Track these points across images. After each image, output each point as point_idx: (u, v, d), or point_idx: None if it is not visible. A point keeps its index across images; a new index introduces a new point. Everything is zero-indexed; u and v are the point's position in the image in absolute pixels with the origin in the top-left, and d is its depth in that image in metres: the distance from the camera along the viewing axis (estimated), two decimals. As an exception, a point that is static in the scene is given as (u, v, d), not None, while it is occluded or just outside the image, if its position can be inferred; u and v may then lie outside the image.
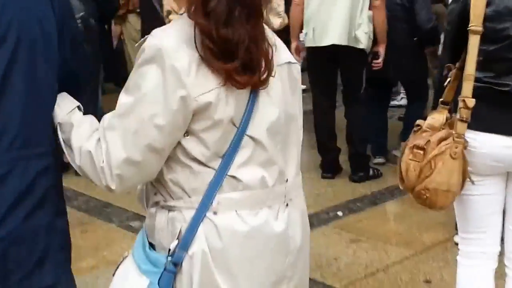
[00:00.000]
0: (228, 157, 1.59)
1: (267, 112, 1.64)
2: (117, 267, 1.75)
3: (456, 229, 3.60)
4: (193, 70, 1.52)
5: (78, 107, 1.73)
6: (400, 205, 4.56)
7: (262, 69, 1.56)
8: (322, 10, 4.74)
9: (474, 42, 2.37)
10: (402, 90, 6.70)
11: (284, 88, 1.69)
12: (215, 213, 1.60)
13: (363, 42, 4.79)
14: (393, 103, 6.40)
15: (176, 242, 1.60)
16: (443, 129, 2.42)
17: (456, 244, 3.80)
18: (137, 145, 1.55)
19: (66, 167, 2.13)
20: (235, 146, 1.59)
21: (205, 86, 1.53)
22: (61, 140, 1.66)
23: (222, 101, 1.55)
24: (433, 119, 2.47)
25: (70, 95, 1.77)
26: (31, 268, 1.64)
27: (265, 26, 1.65)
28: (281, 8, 5.38)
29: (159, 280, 1.60)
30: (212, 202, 1.60)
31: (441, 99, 2.52)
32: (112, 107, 1.62)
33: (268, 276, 1.67)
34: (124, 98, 1.57)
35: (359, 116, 5.07)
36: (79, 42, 1.91)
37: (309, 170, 5.19)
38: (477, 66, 2.38)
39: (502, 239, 2.62)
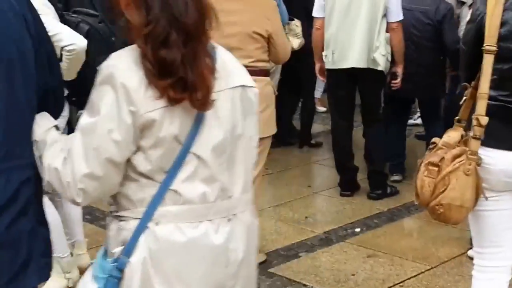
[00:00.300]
0: (171, 172, 1.69)
1: (213, 132, 1.73)
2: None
3: (470, 243, 3.60)
4: (142, 89, 1.64)
5: (56, 126, 1.83)
6: (416, 221, 4.57)
7: (199, 89, 1.65)
8: (341, 33, 4.77)
9: (488, 61, 2.39)
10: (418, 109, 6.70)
11: (234, 110, 1.78)
12: (156, 224, 1.70)
13: (381, 64, 4.80)
14: (410, 121, 6.41)
15: (120, 249, 1.70)
16: (458, 146, 2.43)
17: (471, 258, 3.80)
18: (98, 160, 1.65)
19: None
20: (179, 162, 1.69)
21: (152, 104, 1.64)
22: (36, 156, 1.76)
23: (167, 120, 1.66)
24: (448, 137, 2.49)
25: (50, 113, 1.86)
26: (17, 270, 1.71)
27: (221, 51, 1.80)
28: (299, 29, 5.45)
29: (105, 285, 1.70)
30: (154, 213, 1.70)
31: (456, 117, 2.54)
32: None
33: (205, 284, 1.76)
34: (85, 118, 1.69)
35: (378, 136, 5.06)
36: (56, 63, 1.99)
37: (328, 189, 5.25)
38: (491, 84, 2.40)
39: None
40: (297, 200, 4.60)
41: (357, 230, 4.50)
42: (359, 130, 5.37)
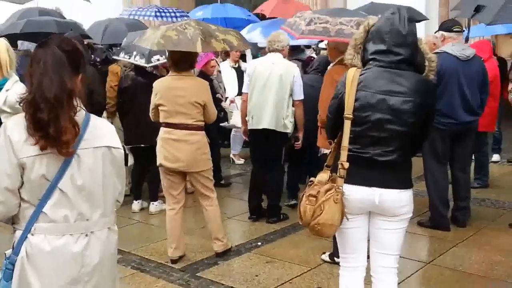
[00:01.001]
0: (42, 201, 1.85)
1: (75, 175, 1.87)
2: None
3: (328, 251, 3.81)
4: (23, 140, 1.81)
5: None
6: (300, 236, 4.57)
7: (62, 142, 1.80)
8: (258, 104, 4.76)
9: (347, 125, 2.46)
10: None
11: (96, 164, 1.92)
12: (32, 234, 1.86)
13: (290, 128, 4.81)
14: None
15: (11, 250, 1.89)
16: (328, 183, 2.47)
17: (324, 260, 3.98)
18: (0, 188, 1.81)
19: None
20: (48, 193, 1.84)
21: (28, 151, 1.81)
22: None
23: (37, 164, 1.81)
24: (321, 177, 2.53)
25: None
26: None
27: (94, 119, 1.95)
28: None
29: (3, 274, 1.88)
30: (31, 227, 1.86)
31: (325, 164, 2.57)
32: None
33: (65, 277, 1.89)
34: None
35: (276, 179, 5.02)
36: None
37: (238, 214, 5.21)
38: (349, 140, 2.45)
39: (368, 257, 2.67)
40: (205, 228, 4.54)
41: (259, 243, 4.48)
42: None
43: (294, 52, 6.31)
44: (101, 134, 1.95)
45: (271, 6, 7.85)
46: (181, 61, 3.87)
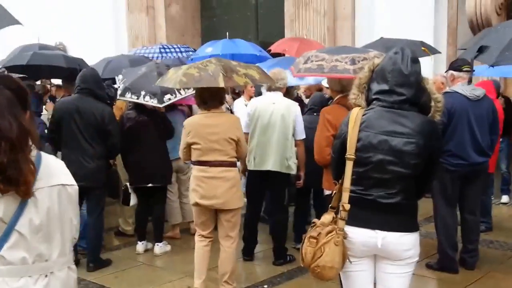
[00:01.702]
0: (0, 243, 1.77)
1: (32, 217, 1.80)
2: None
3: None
4: None
5: None
6: (307, 279, 4.43)
7: (21, 183, 1.74)
8: (261, 145, 4.72)
9: (349, 165, 2.43)
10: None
11: (52, 203, 1.86)
12: None
13: (294, 169, 4.77)
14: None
15: None
16: (330, 225, 2.44)
17: None
18: None
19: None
20: (5, 236, 1.77)
21: None
22: None
23: None
24: (324, 218, 2.49)
25: None
26: None
27: (45, 157, 1.88)
28: None
29: None
30: None
31: (330, 205, 2.53)
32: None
33: None
34: None
35: (280, 222, 4.95)
36: None
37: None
38: (352, 181, 2.43)
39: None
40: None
41: (265, 286, 4.40)
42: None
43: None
44: (55, 172, 1.90)
45: (295, 47, 7.66)
46: (210, 98, 3.92)
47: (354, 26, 9.33)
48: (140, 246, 5.30)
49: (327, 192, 3.70)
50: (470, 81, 4.53)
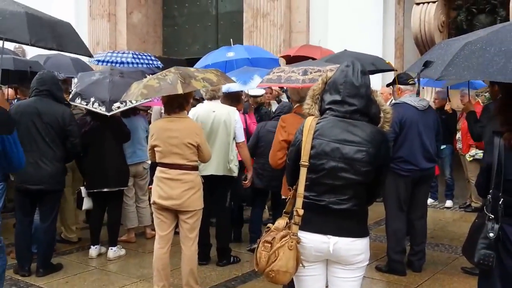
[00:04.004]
0: None
1: None
2: None
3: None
4: None
5: None
6: (262, 282, 4.40)
7: None
8: None
9: (303, 172, 2.42)
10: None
11: None
12: None
13: (235, 172, 4.84)
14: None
15: None
16: (284, 230, 2.41)
17: None
18: None
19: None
20: None
21: None
22: None
23: None
24: (278, 223, 2.47)
25: None
26: None
27: None
28: None
29: None
30: None
31: (284, 210, 2.52)
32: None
33: None
34: None
35: (224, 222, 4.98)
36: None
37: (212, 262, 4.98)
38: (305, 188, 2.41)
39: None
40: (177, 270, 4.35)
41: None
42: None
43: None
44: None
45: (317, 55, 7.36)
46: (168, 104, 3.95)
47: (309, 38, 9.45)
48: (93, 250, 5.12)
49: (284, 197, 3.69)
50: (418, 93, 4.65)
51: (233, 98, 5.31)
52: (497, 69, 2.19)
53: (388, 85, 5.31)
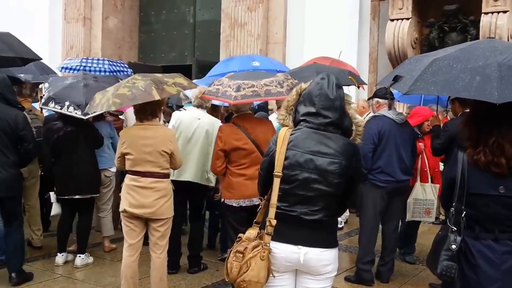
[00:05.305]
0: None
1: None
2: None
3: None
4: None
5: None
6: None
7: None
8: (183, 156, 4.54)
9: (276, 182, 2.42)
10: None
11: None
12: None
13: (213, 182, 4.82)
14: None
15: None
16: (256, 240, 2.41)
17: None
18: None
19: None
20: None
21: None
22: None
23: None
24: (249, 233, 2.46)
25: None
26: None
27: None
28: None
29: None
30: None
31: (255, 220, 2.51)
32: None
33: None
34: None
35: (198, 230, 4.97)
36: None
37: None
38: (278, 198, 2.41)
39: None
40: (145, 278, 4.28)
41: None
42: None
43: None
44: None
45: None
46: (140, 111, 3.87)
47: (285, 49, 9.54)
48: (60, 257, 5.00)
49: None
50: (390, 107, 4.74)
51: (213, 107, 5.29)
52: (463, 85, 2.26)
53: (368, 99, 5.41)
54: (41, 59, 5.41)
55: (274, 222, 2.39)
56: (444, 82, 2.34)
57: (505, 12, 7.24)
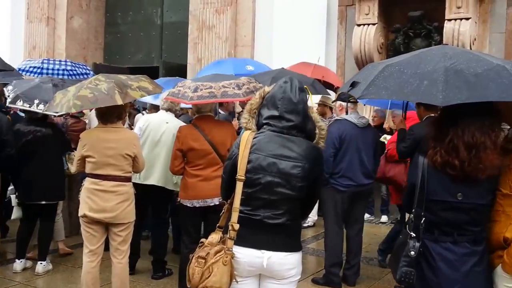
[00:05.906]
0: None
1: None
2: None
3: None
4: None
5: None
6: None
7: None
8: (147, 160, 4.46)
9: (239, 186, 2.41)
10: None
11: None
12: None
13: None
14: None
15: None
16: (218, 245, 2.39)
17: None
18: None
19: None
20: None
21: None
22: None
23: None
24: (212, 238, 2.44)
25: None
26: None
27: None
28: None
29: None
30: None
31: (218, 224, 2.49)
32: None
33: None
34: None
35: (161, 234, 4.95)
36: None
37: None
38: (241, 202, 2.40)
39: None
40: (107, 285, 4.19)
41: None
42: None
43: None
44: None
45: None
46: (106, 113, 3.79)
47: (254, 52, 9.56)
48: (18, 264, 4.85)
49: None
50: (347, 111, 4.77)
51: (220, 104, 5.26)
52: (411, 90, 2.32)
53: (333, 102, 5.45)
54: (13, 69, 5.24)
55: (236, 226, 2.37)
56: (394, 87, 2.39)
57: (467, 19, 7.43)
